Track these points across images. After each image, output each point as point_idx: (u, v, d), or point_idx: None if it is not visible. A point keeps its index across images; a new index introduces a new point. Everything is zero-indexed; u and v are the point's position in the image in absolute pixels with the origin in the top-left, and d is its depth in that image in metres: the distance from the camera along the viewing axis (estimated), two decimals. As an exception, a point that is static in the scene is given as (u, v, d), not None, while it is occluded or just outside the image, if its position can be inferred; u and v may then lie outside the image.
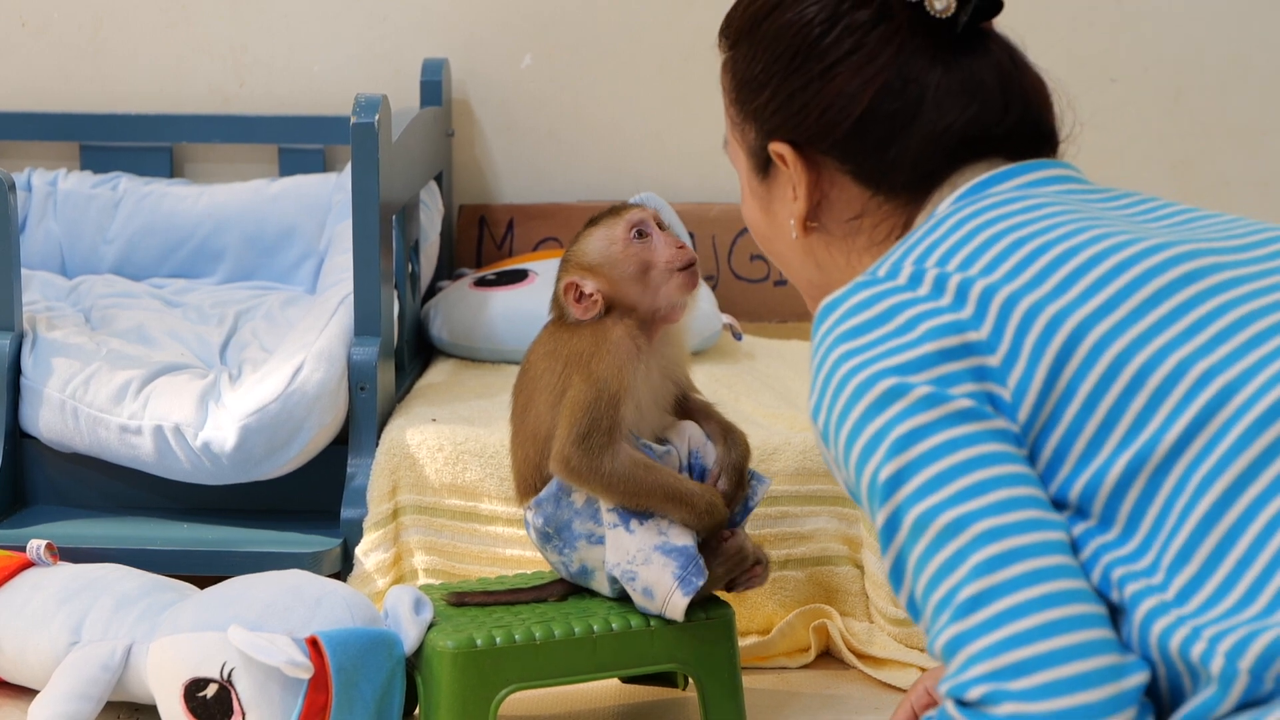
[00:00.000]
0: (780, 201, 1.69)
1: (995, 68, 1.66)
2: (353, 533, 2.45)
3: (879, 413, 1.42)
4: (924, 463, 1.40)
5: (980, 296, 1.45)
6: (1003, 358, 1.42)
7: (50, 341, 2.59)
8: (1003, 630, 1.34)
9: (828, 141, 1.62)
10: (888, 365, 1.43)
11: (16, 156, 3.26)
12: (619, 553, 2.07)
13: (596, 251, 2.11)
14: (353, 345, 2.54)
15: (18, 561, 2.30)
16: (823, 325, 1.51)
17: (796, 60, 1.62)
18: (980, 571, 1.36)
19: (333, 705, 2.03)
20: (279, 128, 3.20)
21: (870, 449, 1.42)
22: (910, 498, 1.40)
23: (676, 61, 3.20)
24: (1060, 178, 1.63)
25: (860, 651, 2.36)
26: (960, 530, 1.37)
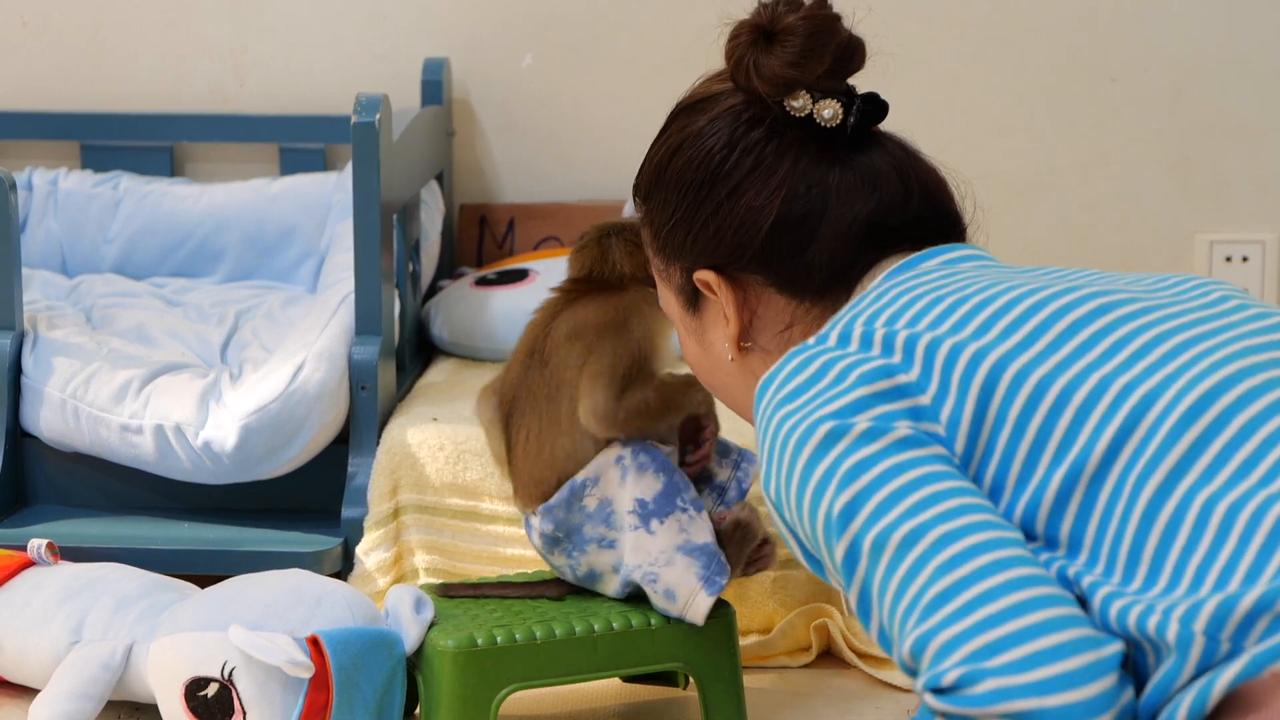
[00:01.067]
0: (714, 330, 1.77)
1: (890, 160, 1.75)
2: (353, 532, 2.45)
3: (825, 453, 1.47)
4: (875, 488, 1.44)
5: (905, 343, 1.51)
6: (933, 396, 1.48)
7: (51, 341, 2.59)
8: (972, 616, 1.36)
9: (746, 257, 1.70)
10: (826, 412, 1.49)
11: (17, 156, 3.26)
12: (640, 555, 2.07)
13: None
14: (353, 344, 2.53)
15: (18, 561, 2.30)
16: (762, 400, 1.57)
17: (704, 190, 1.72)
18: (943, 570, 1.39)
19: (333, 704, 2.03)
20: (279, 127, 3.20)
21: (821, 488, 1.47)
22: (866, 522, 1.44)
23: (676, 61, 3.19)
24: (977, 256, 1.70)
25: (861, 651, 2.36)
26: (918, 539, 1.41)
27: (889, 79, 3.34)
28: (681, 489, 2.09)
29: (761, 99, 1.74)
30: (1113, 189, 3.19)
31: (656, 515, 2.07)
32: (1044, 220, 3.19)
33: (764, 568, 2.17)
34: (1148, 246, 3.19)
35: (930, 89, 3.16)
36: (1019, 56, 3.16)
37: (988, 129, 3.18)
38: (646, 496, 2.07)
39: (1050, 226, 3.19)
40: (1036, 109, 3.18)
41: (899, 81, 3.18)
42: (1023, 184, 3.19)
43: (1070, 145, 3.19)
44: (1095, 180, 3.19)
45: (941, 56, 3.16)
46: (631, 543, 2.07)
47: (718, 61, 1.93)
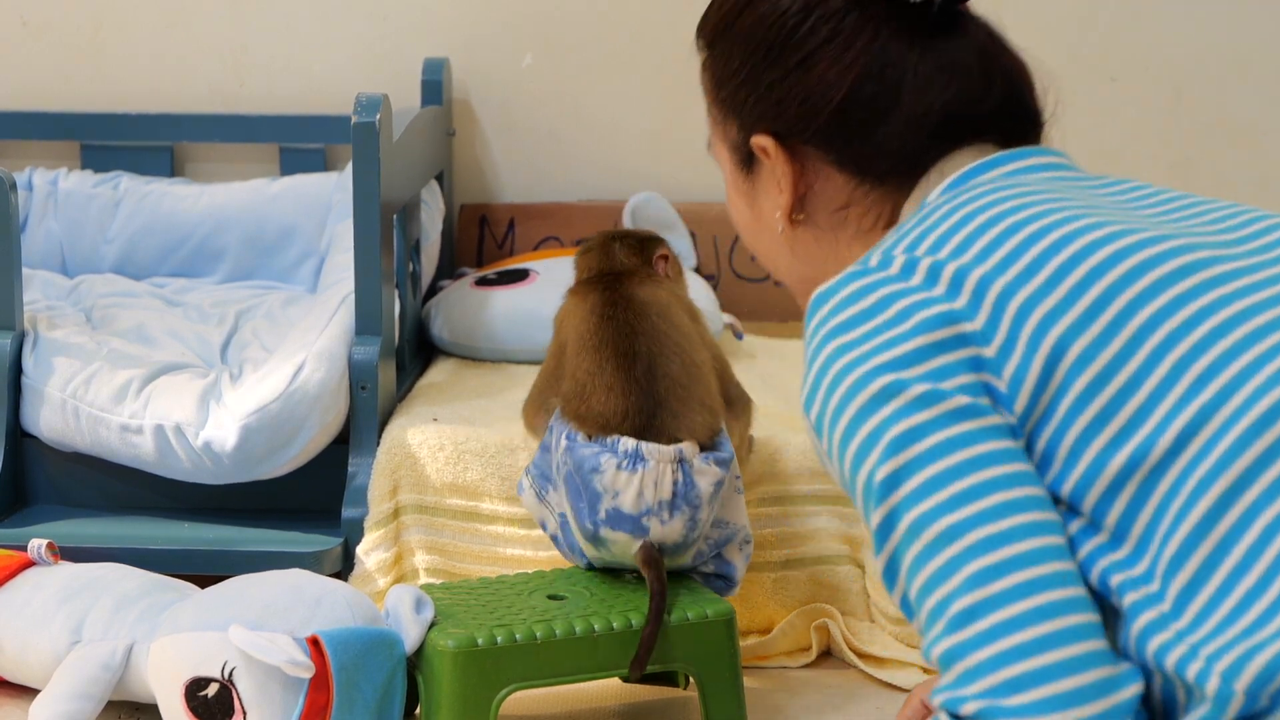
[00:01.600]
0: (765, 196, 1.68)
1: (974, 48, 1.64)
2: (354, 532, 2.45)
3: (874, 411, 1.40)
4: (921, 464, 1.38)
5: (975, 287, 1.43)
6: (998, 349, 1.40)
7: (51, 341, 2.59)
8: (997, 645, 1.33)
9: (809, 131, 1.61)
10: (882, 361, 1.41)
11: (17, 156, 3.26)
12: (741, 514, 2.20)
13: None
14: (354, 345, 2.54)
15: (18, 561, 2.30)
16: (815, 317, 1.49)
17: (773, 52, 1.62)
18: (974, 583, 1.35)
19: (334, 705, 2.03)
20: (280, 127, 3.20)
21: (866, 448, 1.40)
22: (907, 499, 1.38)
23: (677, 61, 3.19)
24: (1050, 165, 1.62)
25: (861, 651, 2.36)
26: (955, 538, 1.36)
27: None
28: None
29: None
30: (1113, 189, 3.19)
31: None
32: (1044, 220, 3.19)
33: None
34: (1148, 246, 3.19)
35: (930, 89, 3.16)
36: (1019, 56, 3.16)
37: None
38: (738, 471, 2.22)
39: (1050, 226, 3.19)
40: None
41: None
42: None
43: (1070, 145, 3.18)
44: (1095, 180, 3.19)
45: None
46: (738, 504, 2.18)
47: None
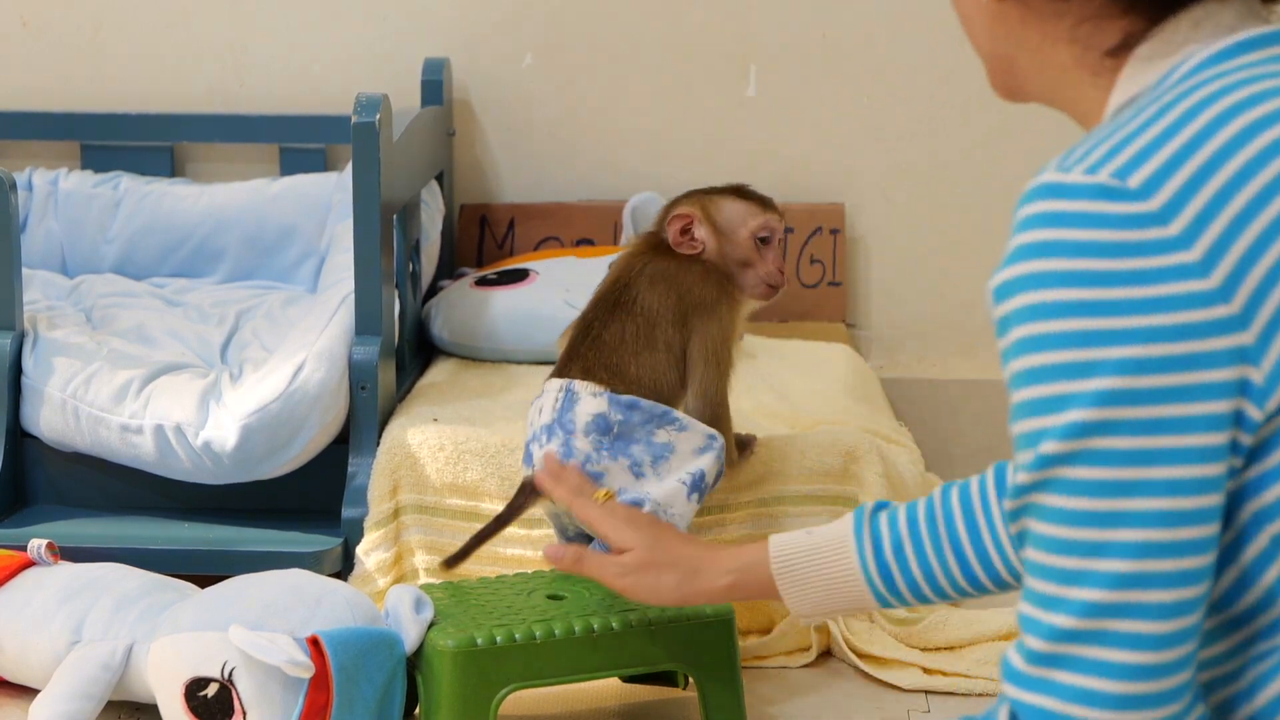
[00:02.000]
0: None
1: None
2: (353, 532, 2.45)
3: (1076, 377, 1.22)
4: (1098, 460, 1.22)
5: (1236, 266, 1.20)
6: (1259, 333, 1.20)
7: (51, 341, 2.59)
8: (1082, 680, 1.23)
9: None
10: (1100, 327, 1.21)
11: (17, 156, 3.26)
12: (669, 498, 2.18)
13: (728, 218, 2.29)
14: (354, 345, 2.54)
15: (19, 561, 2.30)
16: (1045, 208, 1.27)
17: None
18: (1091, 611, 1.22)
19: (333, 704, 2.03)
20: (280, 127, 3.20)
21: (1044, 409, 1.24)
22: (1062, 487, 1.23)
23: (677, 61, 3.20)
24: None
25: (861, 651, 2.36)
26: (1095, 555, 1.22)
27: (889, 81, 3.36)
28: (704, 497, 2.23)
29: None
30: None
31: (699, 493, 2.20)
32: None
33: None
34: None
35: (930, 90, 3.16)
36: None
37: (987, 129, 3.18)
38: (709, 476, 2.21)
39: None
40: (1036, 109, 3.17)
41: (899, 83, 3.19)
42: (1023, 183, 3.18)
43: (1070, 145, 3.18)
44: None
45: (941, 58, 3.16)
46: (668, 490, 2.17)
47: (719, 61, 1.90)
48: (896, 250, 3.21)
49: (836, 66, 3.17)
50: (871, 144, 3.18)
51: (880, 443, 2.49)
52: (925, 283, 3.21)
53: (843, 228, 3.16)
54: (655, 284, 2.25)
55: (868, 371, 2.97)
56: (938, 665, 2.34)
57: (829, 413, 2.64)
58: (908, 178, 3.19)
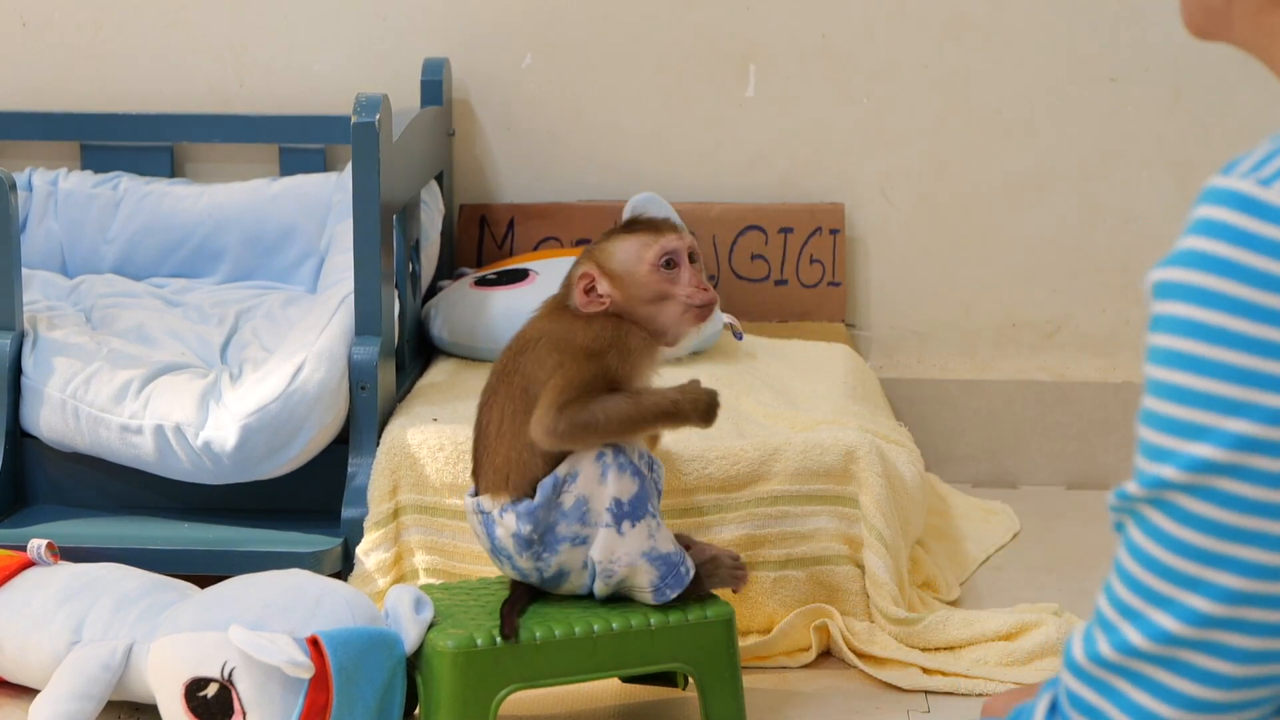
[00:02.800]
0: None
1: None
2: (353, 532, 2.45)
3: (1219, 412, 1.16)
4: (1217, 499, 1.17)
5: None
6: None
7: (51, 341, 2.59)
8: (1146, 699, 1.21)
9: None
10: (1266, 370, 1.14)
11: (17, 156, 3.26)
12: (605, 551, 2.09)
13: (622, 262, 2.13)
14: (353, 345, 2.54)
15: (18, 561, 2.30)
16: (1228, 216, 1.19)
17: None
18: (1168, 639, 1.19)
19: (333, 705, 2.03)
20: (279, 127, 3.20)
21: (1180, 430, 1.17)
22: (1173, 511, 1.18)
23: (677, 61, 3.20)
24: None
25: (861, 651, 2.36)
26: (1186, 587, 1.18)
27: (889, 81, 3.36)
28: (652, 494, 2.12)
29: None
30: (1113, 189, 3.19)
31: (630, 517, 2.09)
32: (1044, 220, 3.19)
33: (742, 583, 2.20)
34: (1147, 246, 3.19)
35: (930, 90, 3.16)
36: (1018, 57, 3.16)
37: (987, 130, 3.18)
38: (624, 498, 2.09)
39: (1050, 226, 3.19)
40: (1036, 109, 3.18)
41: (899, 83, 3.19)
42: (1023, 184, 3.19)
43: (1070, 146, 3.19)
44: (1095, 180, 3.19)
45: (940, 57, 3.16)
46: (602, 538, 2.09)
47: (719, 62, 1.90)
48: (896, 250, 3.21)
49: (836, 67, 3.17)
50: (871, 144, 3.18)
51: (880, 443, 2.49)
52: (925, 283, 3.21)
53: (842, 228, 3.16)
54: (541, 350, 2.12)
55: (867, 371, 2.97)
56: (937, 665, 2.34)
57: (829, 413, 2.64)
58: (908, 178, 3.19)
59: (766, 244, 3.17)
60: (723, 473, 2.41)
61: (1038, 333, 3.21)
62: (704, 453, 2.40)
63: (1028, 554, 2.79)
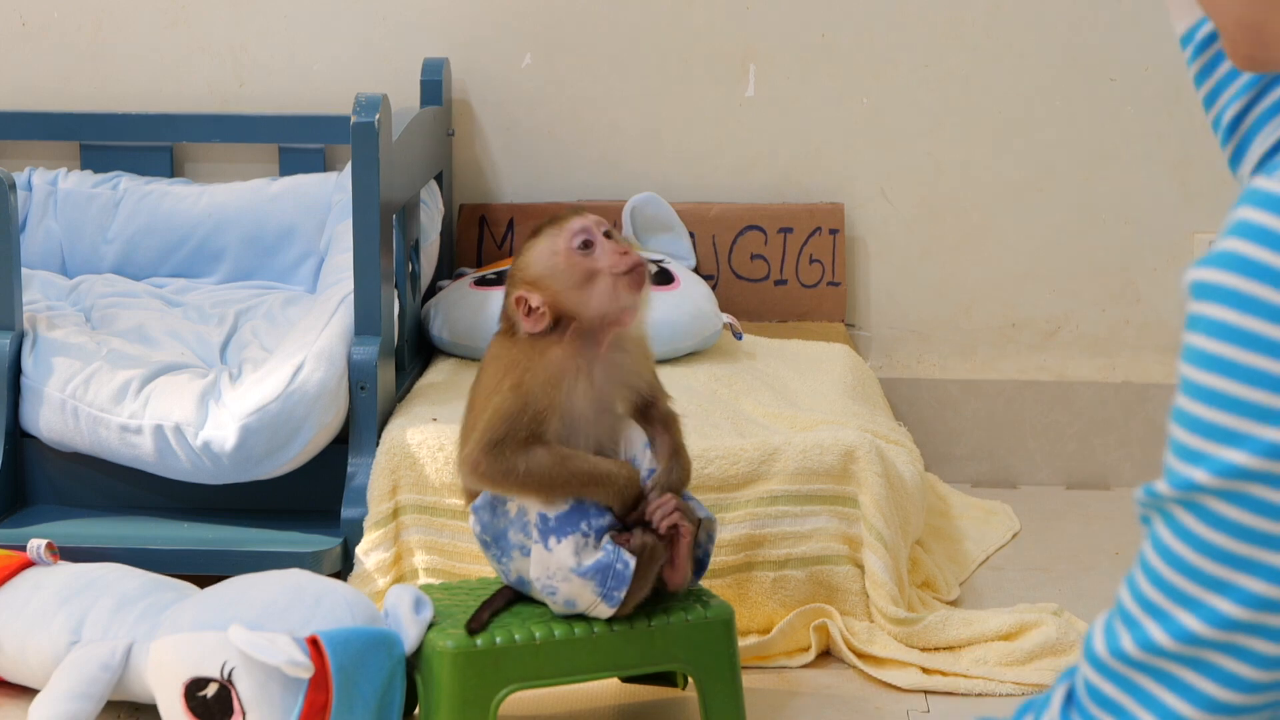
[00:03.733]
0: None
1: None
2: (353, 532, 2.45)
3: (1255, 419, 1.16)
4: (1249, 505, 1.16)
5: None
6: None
7: (50, 341, 2.59)
8: (1168, 697, 1.21)
9: None
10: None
11: (17, 156, 3.26)
12: (540, 567, 2.07)
13: (539, 264, 2.09)
14: (353, 345, 2.54)
15: (18, 561, 2.30)
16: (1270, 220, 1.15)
17: None
18: (1191, 640, 1.19)
19: (333, 705, 2.03)
20: (279, 127, 3.20)
21: (1213, 433, 1.17)
22: (1203, 514, 1.18)
23: (676, 61, 3.20)
24: None
25: (860, 651, 2.36)
26: (1212, 589, 1.18)
27: (889, 81, 3.36)
28: (591, 513, 2.07)
29: None
30: (1112, 189, 3.19)
31: (555, 533, 2.05)
32: (1044, 220, 3.19)
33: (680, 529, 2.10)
34: (1147, 246, 3.19)
35: (930, 90, 3.16)
36: (1018, 57, 3.17)
37: (987, 129, 3.18)
38: (549, 513, 2.06)
39: (1050, 226, 3.19)
40: (1036, 109, 3.18)
41: (899, 83, 3.19)
42: (1022, 184, 3.19)
43: (1069, 145, 3.19)
44: (1095, 180, 3.19)
45: (940, 58, 3.16)
46: (535, 555, 2.07)
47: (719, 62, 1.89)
48: (896, 250, 3.21)
49: (836, 66, 3.17)
50: (871, 144, 3.18)
51: (880, 442, 2.49)
52: (925, 283, 3.21)
53: (842, 228, 3.16)
54: (483, 373, 2.12)
55: (867, 371, 2.97)
56: (936, 665, 2.34)
57: (828, 412, 2.64)
58: (907, 178, 3.19)
59: (766, 244, 3.17)
60: (722, 472, 2.41)
61: (1037, 333, 3.21)
62: (704, 452, 2.40)
63: (1027, 554, 2.79)
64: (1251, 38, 1.24)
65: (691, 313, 2.83)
